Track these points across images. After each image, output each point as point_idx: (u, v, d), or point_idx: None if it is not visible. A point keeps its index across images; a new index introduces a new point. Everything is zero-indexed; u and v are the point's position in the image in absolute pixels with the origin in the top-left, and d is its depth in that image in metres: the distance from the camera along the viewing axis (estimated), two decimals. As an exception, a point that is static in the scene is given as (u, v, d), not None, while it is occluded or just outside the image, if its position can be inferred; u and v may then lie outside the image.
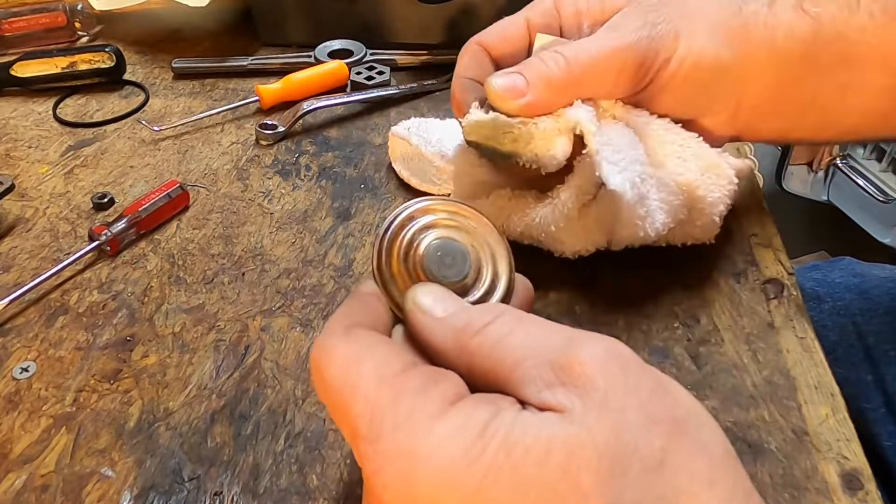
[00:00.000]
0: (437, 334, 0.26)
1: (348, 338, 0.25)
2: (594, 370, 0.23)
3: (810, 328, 0.42)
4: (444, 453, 0.22)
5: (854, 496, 0.34)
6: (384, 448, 0.22)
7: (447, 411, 0.22)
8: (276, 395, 0.39)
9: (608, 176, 0.37)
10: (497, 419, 0.22)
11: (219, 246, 0.49)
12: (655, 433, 0.22)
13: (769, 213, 0.52)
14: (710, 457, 0.22)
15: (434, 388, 0.23)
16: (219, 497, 0.34)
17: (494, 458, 0.21)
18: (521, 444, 0.21)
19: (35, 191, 0.54)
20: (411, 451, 0.22)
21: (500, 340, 0.25)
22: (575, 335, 0.24)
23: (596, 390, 0.22)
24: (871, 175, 1.19)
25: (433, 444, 0.22)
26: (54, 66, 0.65)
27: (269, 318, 0.44)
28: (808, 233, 1.51)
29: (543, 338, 0.24)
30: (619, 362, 0.23)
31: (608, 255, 0.48)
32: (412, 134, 0.51)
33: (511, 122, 0.37)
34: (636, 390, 0.22)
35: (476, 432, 0.22)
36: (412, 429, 0.22)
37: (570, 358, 0.23)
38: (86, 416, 0.38)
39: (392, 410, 0.23)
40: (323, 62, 0.67)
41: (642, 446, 0.21)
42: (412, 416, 0.22)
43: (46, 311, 0.44)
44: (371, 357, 0.24)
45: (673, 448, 0.21)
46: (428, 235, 0.29)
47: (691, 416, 0.23)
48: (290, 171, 0.56)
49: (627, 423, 0.22)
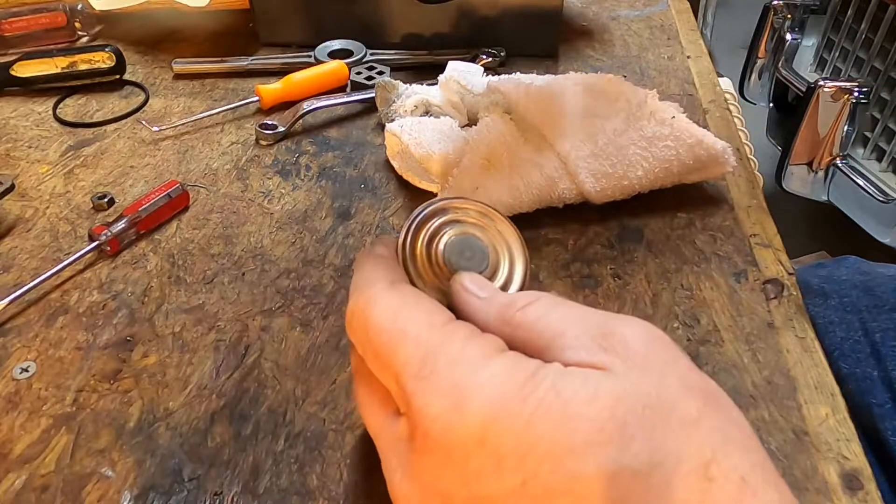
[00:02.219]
0: (482, 310, 0.27)
1: (394, 289, 0.26)
2: (635, 340, 0.24)
3: (810, 328, 0.42)
4: (496, 387, 0.22)
5: (854, 496, 0.34)
6: (438, 381, 0.23)
7: (496, 356, 0.24)
8: (276, 395, 0.39)
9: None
10: (543, 370, 0.23)
11: (219, 246, 0.49)
12: (692, 397, 0.23)
13: (769, 213, 0.52)
14: (741, 428, 0.23)
15: (480, 338, 0.25)
16: (219, 497, 0.34)
17: (546, 395, 0.22)
18: (571, 387, 0.22)
19: (35, 191, 0.54)
20: (465, 383, 0.23)
21: (541, 317, 0.26)
22: (613, 316, 0.25)
23: (637, 354, 0.23)
24: (871, 175, 1.19)
25: (486, 378, 0.23)
26: (54, 66, 0.65)
27: (269, 318, 0.44)
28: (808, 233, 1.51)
29: (582, 317, 0.25)
30: (659, 338, 0.25)
31: (608, 255, 0.48)
32: (404, 132, 0.52)
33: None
34: (674, 362, 0.24)
35: (527, 373, 0.23)
36: (466, 364, 0.23)
37: (611, 328, 0.24)
38: (86, 416, 0.38)
39: (445, 350, 0.24)
40: (323, 62, 0.67)
41: (681, 405, 0.22)
42: (465, 354, 0.24)
43: (46, 311, 0.44)
44: (419, 308, 0.26)
45: (709, 412, 0.22)
46: (448, 231, 0.31)
47: (722, 396, 0.24)
48: (290, 171, 0.56)
49: (666, 385, 0.23)
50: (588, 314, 0.26)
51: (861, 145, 1.22)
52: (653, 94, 0.52)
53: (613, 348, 0.24)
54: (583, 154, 0.49)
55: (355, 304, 0.27)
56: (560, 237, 0.49)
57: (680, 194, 0.52)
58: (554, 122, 0.50)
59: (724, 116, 0.63)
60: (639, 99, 0.52)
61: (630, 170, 0.49)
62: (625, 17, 0.80)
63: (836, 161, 1.22)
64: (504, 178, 0.49)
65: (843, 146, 1.21)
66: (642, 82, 0.68)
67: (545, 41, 0.71)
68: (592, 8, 0.82)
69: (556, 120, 0.50)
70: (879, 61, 1.18)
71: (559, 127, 0.50)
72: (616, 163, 0.49)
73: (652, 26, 0.79)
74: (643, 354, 0.24)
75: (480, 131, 0.51)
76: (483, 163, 0.49)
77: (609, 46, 0.75)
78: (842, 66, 1.28)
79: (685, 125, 0.50)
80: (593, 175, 0.49)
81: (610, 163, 0.49)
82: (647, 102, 0.52)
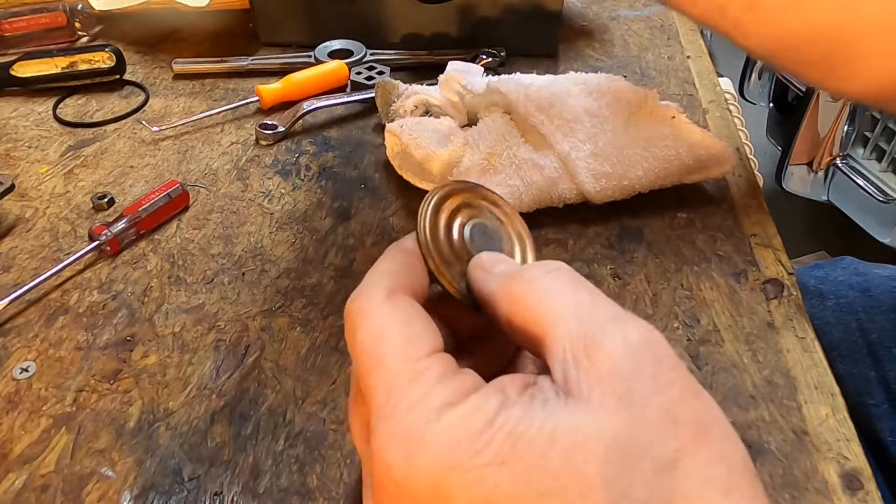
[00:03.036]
0: (489, 283, 0.27)
1: (387, 303, 0.25)
2: (624, 357, 0.22)
3: (810, 328, 0.42)
4: (450, 439, 0.22)
5: (854, 496, 0.34)
6: (395, 426, 0.23)
7: (461, 401, 0.23)
8: (276, 395, 0.39)
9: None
10: (506, 411, 0.22)
11: (219, 246, 0.49)
12: (674, 434, 0.21)
13: (769, 213, 0.52)
14: (729, 466, 0.21)
15: (453, 378, 0.24)
16: (219, 497, 0.34)
17: (500, 448, 0.21)
18: (527, 435, 0.21)
19: (35, 191, 0.54)
20: (420, 434, 0.22)
21: (545, 296, 0.25)
22: (620, 315, 0.24)
23: (621, 380, 0.22)
24: (871, 175, 1.19)
25: (441, 429, 0.22)
26: (54, 66, 0.65)
27: (269, 318, 0.44)
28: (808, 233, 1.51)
29: (589, 306, 0.24)
30: (654, 354, 0.22)
31: (608, 255, 0.48)
32: (404, 132, 0.52)
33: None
34: (665, 387, 0.22)
35: (484, 422, 0.22)
36: (424, 412, 0.22)
37: (604, 337, 0.23)
38: (86, 416, 0.38)
39: (408, 391, 0.23)
40: (323, 62, 0.67)
41: (656, 445, 0.21)
42: (426, 400, 0.23)
43: (46, 311, 0.44)
44: (403, 332, 0.25)
45: (690, 452, 0.21)
46: (464, 213, 0.31)
47: (717, 423, 0.22)
48: (290, 171, 0.56)
49: (645, 419, 0.21)
50: (596, 306, 0.24)
51: (861, 145, 1.22)
52: (653, 95, 0.52)
53: (599, 364, 0.22)
54: (583, 154, 0.49)
55: (349, 307, 0.26)
56: (560, 237, 0.49)
57: (680, 194, 0.52)
58: (554, 122, 0.50)
59: (724, 116, 0.63)
60: (639, 99, 0.52)
61: (630, 170, 0.49)
62: (625, 17, 0.80)
63: (836, 161, 1.22)
64: (504, 178, 0.49)
65: (843, 146, 1.21)
66: (642, 82, 0.68)
67: (545, 41, 0.71)
68: (592, 8, 0.82)
69: (556, 120, 0.50)
70: (879, 61, 1.18)
71: (559, 127, 0.50)
72: (616, 163, 0.49)
73: (652, 26, 0.79)
74: (627, 378, 0.22)
75: (480, 131, 0.51)
76: (483, 163, 0.49)
77: (609, 46, 0.75)
78: (842, 66, 1.28)
79: (685, 125, 0.51)
80: (593, 175, 0.49)
81: (610, 163, 0.49)
82: (647, 102, 0.52)
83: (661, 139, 0.49)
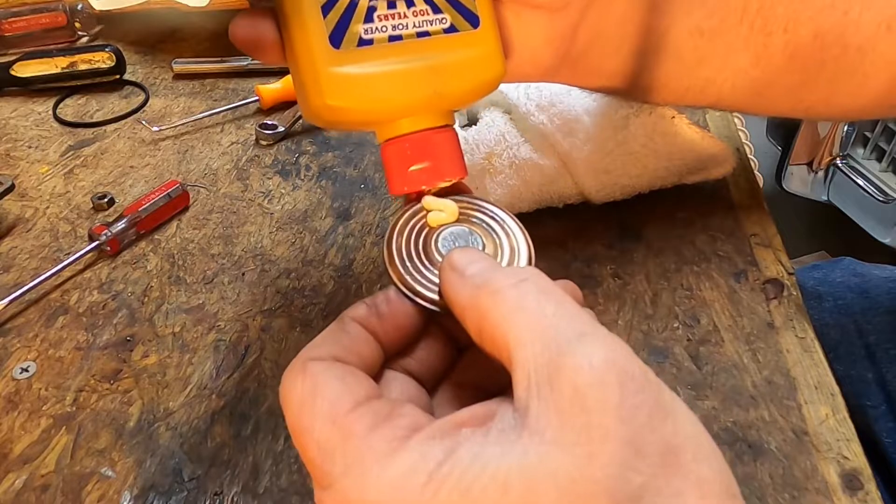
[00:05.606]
0: (459, 291, 0.25)
1: (303, 373, 0.24)
2: (586, 384, 0.21)
3: (810, 328, 0.42)
4: (393, 497, 0.20)
5: (854, 496, 0.34)
6: (334, 495, 0.22)
7: (399, 450, 0.21)
8: (276, 395, 0.39)
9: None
10: (453, 456, 0.21)
11: (219, 246, 0.49)
12: (637, 469, 0.20)
13: (769, 213, 0.52)
14: (701, 494, 0.20)
15: (385, 425, 0.22)
16: (219, 497, 0.34)
17: (449, 498, 0.20)
18: (479, 482, 0.20)
19: (35, 191, 0.54)
20: (360, 498, 0.21)
21: (511, 313, 0.23)
22: (587, 332, 0.22)
23: (582, 411, 0.20)
24: (871, 175, 1.19)
25: (382, 487, 0.21)
26: (54, 66, 0.65)
27: (269, 318, 0.44)
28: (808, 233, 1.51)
29: (555, 324, 0.22)
30: (618, 377, 0.21)
31: (608, 255, 0.48)
32: None
33: None
34: (630, 414, 0.20)
35: (429, 471, 0.20)
36: (361, 472, 0.21)
37: (567, 361, 0.21)
38: (86, 416, 0.38)
39: (341, 453, 0.22)
40: (323, 62, 0.67)
41: (616, 482, 0.19)
42: (361, 458, 0.21)
43: (46, 311, 0.44)
44: (323, 394, 0.23)
45: (655, 485, 0.20)
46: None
47: (691, 444, 0.21)
48: (290, 171, 0.56)
49: (606, 454, 0.20)
50: (563, 323, 0.22)
51: (861, 145, 1.22)
52: None
53: (554, 397, 0.21)
54: (583, 154, 0.49)
55: (281, 381, 0.25)
56: (560, 237, 0.49)
57: (680, 194, 0.52)
58: (554, 122, 0.50)
59: (724, 116, 0.63)
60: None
61: (630, 170, 0.49)
62: (625, 17, 0.80)
63: (836, 161, 1.22)
64: (504, 178, 0.49)
65: (843, 146, 1.21)
66: (642, 82, 0.68)
67: (545, 41, 0.71)
68: (592, 8, 0.82)
69: (556, 120, 0.50)
70: (879, 61, 1.18)
71: (559, 127, 0.50)
72: (616, 163, 0.49)
73: (652, 26, 0.78)
74: (588, 409, 0.20)
75: (480, 131, 0.51)
76: (483, 163, 0.49)
77: (609, 46, 0.74)
78: (842, 66, 1.28)
79: (685, 126, 0.51)
80: (593, 175, 0.49)
81: (610, 163, 0.49)
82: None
83: (662, 139, 0.49)
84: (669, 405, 0.21)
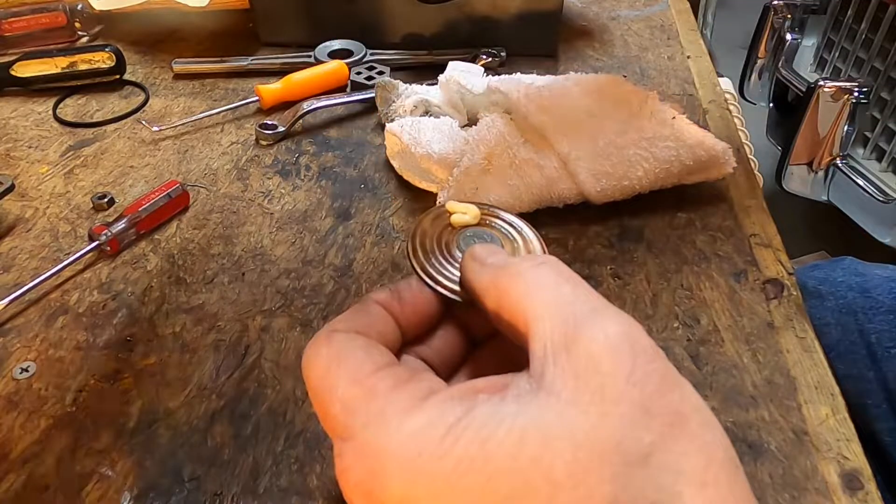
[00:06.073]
0: (480, 275, 0.27)
1: (328, 342, 0.26)
2: (602, 353, 0.22)
3: (810, 328, 0.42)
4: (413, 447, 0.21)
5: (854, 496, 0.34)
6: (356, 446, 0.23)
7: (419, 406, 0.22)
8: (276, 395, 0.39)
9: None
10: (470, 414, 0.22)
11: (219, 246, 0.49)
12: (647, 427, 0.21)
13: (769, 213, 0.52)
14: (707, 458, 0.21)
15: (405, 386, 0.23)
16: (219, 497, 0.34)
17: (466, 450, 0.21)
18: (495, 436, 0.21)
19: (35, 191, 0.54)
20: (381, 447, 0.22)
21: (529, 291, 0.25)
22: (599, 308, 0.24)
23: (596, 374, 0.21)
24: (871, 175, 1.19)
25: (402, 438, 0.22)
26: (54, 66, 0.65)
27: (269, 318, 0.44)
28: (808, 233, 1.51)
29: (571, 301, 0.24)
30: (632, 348, 0.22)
31: (608, 255, 0.48)
32: (404, 132, 0.52)
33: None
34: (641, 380, 0.22)
35: (447, 425, 0.21)
36: (382, 424, 0.22)
37: (583, 332, 0.22)
38: (86, 416, 0.38)
39: (364, 408, 0.23)
40: (323, 62, 0.67)
41: (628, 439, 0.20)
42: (383, 412, 0.23)
43: (46, 311, 0.44)
44: (347, 359, 0.25)
45: (664, 445, 0.21)
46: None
47: (696, 413, 0.22)
48: (290, 171, 0.56)
49: (618, 414, 0.21)
50: (578, 300, 0.24)
51: (861, 145, 1.22)
52: (653, 95, 0.52)
53: (571, 363, 0.22)
54: (583, 154, 0.49)
55: (302, 364, 0.27)
56: (560, 237, 0.49)
57: (680, 194, 0.52)
58: (554, 122, 0.50)
59: (724, 116, 0.63)
60: (639, 99, 0.52)
61: (630, 170, 0.49)
62: (625, 17, 0.80)
63: (836, 161, 1.22)
64: (504, 178, 0.49)
65: (843, 146, 1.21)
66: (642, 82, 0.68)
67: (545, 41, 0.71)
68: (592, 8, 0.82)
69: (557, 120, 0.50)
70: (879, 61, 1.18)
71: (559, 127, 0.50)
72: (616, 163, 0.49)
73: (652, 26, 0.79)
74: (603, 373, 0.21)
75: (480, 131, 0.51)
76: (483, 163, 0.49)
77: (609, 46, 0.75)
78: (842, 66, 1.28)
79: (686, 126, 0.51)
80: (593, 175, 0.49)
81: (610, 163, 0.49)
82: (647, 103, 0.52)
83: (662, 140, 0.49)
84: (677, 378, 0.23)
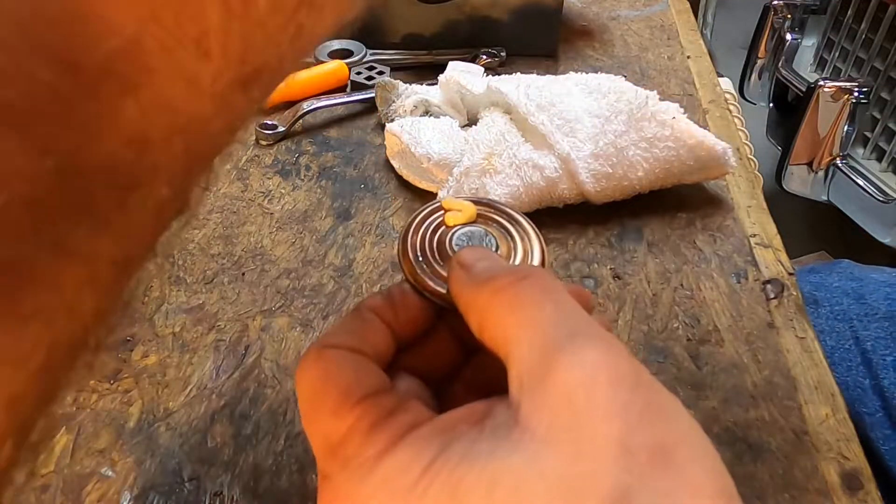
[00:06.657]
0: (464, 287, 0.26)
1: (318, 360, 0.25)
2: (577, 383, 0.21)
3: (810, 328, 0.42)
4: (386, 493, 0.21)
5: (854, 496, 0.34)
6: (331, 487, 0.22)
7: (396, 446, 0.22)
8: (276, 395, 0.39)
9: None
10: (445, 454, 0.21)
11: (219, 246, 0.49)
12: (626, 467, 0.20)
13: (769, 213, 0.52)
14: (693, 494, 0.20)
15: (387, 422, 0.23)
16: (219, 497, 0.34)
17: (437, 497, 0.20)
18: (466, 481, 0.20)
19: (35, 191, 0.54)
20: (356, 492, 0.22)
21: (510, 310, 0.24)
22: (580, 330, 0.22)
23: (570, 408, 0.20)
24: (871, 175, 1.19)
25: (377, 483, 0.21)
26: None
27: (269, 318, 0.44)
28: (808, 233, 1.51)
29: (552, 322, 0.23)
30: (611, 375, 0.21)
31: (608, 255, 0.48)
32: (404, 132, 0.52)
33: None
34: (620, 412, 0.20)
35: (421, 469, 0.21)
36: (357, 468, 0.22)
37: (561, 359, 0.21)
38: (86, 416, 0.38)
39: (342, 450, 0.22)
40: (323, 62, 0.67)
41: (603, 481, 0.19)
42: (360, 453, 0.22)
43: (46, 311, 0.44)
44: (336, 383, 0.24)
45: (643, 484, 0.19)
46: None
47: (683, 446, 0.20)
48: (290, 171, 0.56)
49: (593, 452, 0.20)
50: (559, 321, 0.23)
51: (861, 145, 1.22)
52: (653, 95, 0.52)
53: (546, 395, 0.21)
54: (583, 154, 0.49)
55: (299, 363, 0.26)
56: (560, 237, 0.49)
57: (680, 194, 0.52)
58: (554, 122, 0.50)
59: (724, 116, 0.63)
60: (639, 100, 0.52)
61: (630, 170, 0.49)
62: (625, 17, 0.80)
63: (836, 161, 1.22)
64: (504, 178, 0.49)
65: (843, 146, 1.21)
66: (642, 82, 0.68)
67: (545, 41, 0.71)
68: (592, 8, 0.82)
69: (556, 120, 0.50)
70: (879, 61, 1.18)
71: (559, 127, 0.50)
72: (616, 163, 0.49)
73: (652, 26, 0.79)
74: (579, 407, 0.20)
75: (480, 131, 0.51)
76: (483, 163, 0.49)
77: (609, 46, 0.75)
78: (842, 66, 1.28)
79: (686, 126, 0.51)
80: (593, 175, 0.49)
81: (610, 163, 0.49)
82: (647, 103, 0.52)
83: (662, 140, 0.50)
84: (662, 405, 0.21)
